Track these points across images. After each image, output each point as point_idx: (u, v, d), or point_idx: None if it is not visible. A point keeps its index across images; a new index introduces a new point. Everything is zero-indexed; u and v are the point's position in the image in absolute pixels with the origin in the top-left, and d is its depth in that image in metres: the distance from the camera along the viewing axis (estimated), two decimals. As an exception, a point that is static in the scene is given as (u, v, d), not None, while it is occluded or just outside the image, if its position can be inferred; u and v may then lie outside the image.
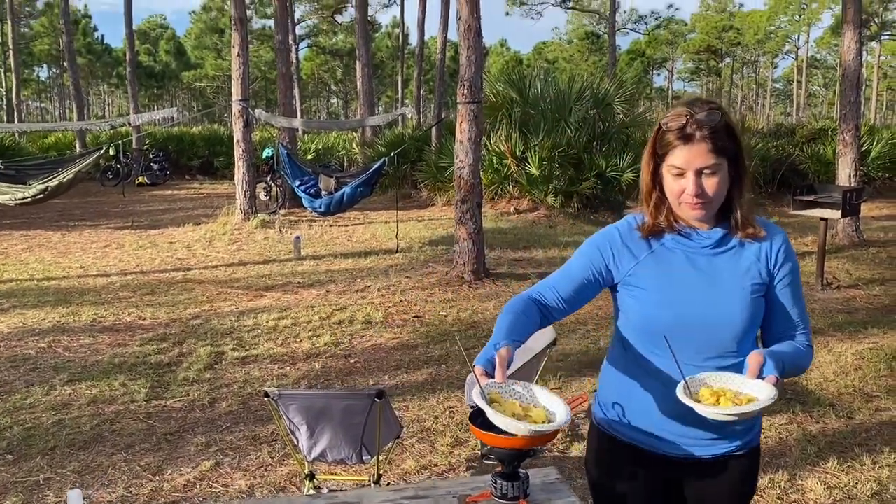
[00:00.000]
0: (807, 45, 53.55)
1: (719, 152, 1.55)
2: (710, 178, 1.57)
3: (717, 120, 1.55)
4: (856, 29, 10.19)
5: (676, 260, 1.68)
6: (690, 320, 1.63)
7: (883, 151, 16.90)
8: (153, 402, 4.50)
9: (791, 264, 1.70)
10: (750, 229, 1.66)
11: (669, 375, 1.64)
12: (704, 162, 1.55)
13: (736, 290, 1.64)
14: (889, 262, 9.13)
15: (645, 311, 1.69)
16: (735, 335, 1.65)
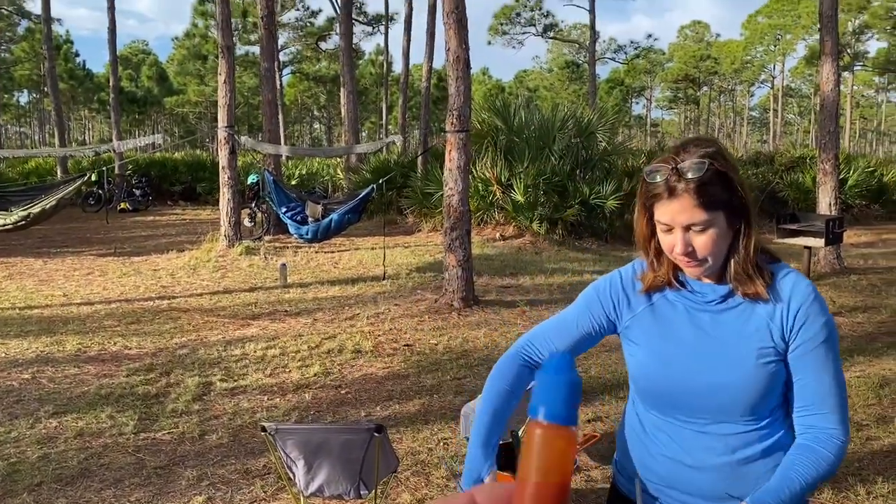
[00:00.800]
0: (782, 75, 54.63)
1: (709, 206, 1.36)
2: (700, 235, 1.38)
3: (703, 170, 1.34)
4: (834, 60, 10.42)
5: (676, 316, 1.51)
6: (685, 384, 1.48)
7: (860, 179, 17.23)
8: (142, 435, 4.42)
9: (814, 329, 1.42)
10: (749, 288, 1.43)
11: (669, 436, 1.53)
12: (690, 218, 1.37)
13: (739, 353, 1.44)
14: (870, 289, 9.25)
15: (639, 368, 1.56)
16: (740, 403, 1.45)
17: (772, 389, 1.45)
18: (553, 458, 0.35)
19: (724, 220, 1.39)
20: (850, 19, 40.07)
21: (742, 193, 1.40)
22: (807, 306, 1.43)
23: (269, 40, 14.25)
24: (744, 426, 1.46)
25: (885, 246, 13.83)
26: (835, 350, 1.44)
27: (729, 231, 1.41)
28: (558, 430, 0.35)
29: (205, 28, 38.10)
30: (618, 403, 4.94)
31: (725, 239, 1.41)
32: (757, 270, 1.44)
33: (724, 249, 1.42)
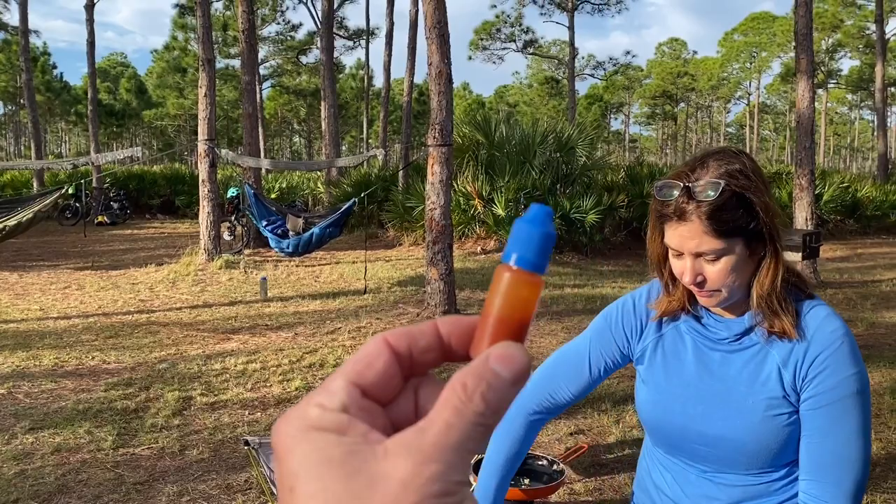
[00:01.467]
0: (758, 91, 55.54)
1: (723, 234, 1.20)
2: (712, 265, 1.23)
3: (717, 193, 1.18)
4: (809, 78, 10.60)
5: (684, 351, 1.37)
6: (685, 431, 1.36)
7: (835, 195, 17.50)
8: (120, 451, 4.36)
9: (831, 383, 1.23)
10: (775, 325, 1.26)
11: (673, 477, 1.45)
12: (699, 246, 1.21)
13: (745, 404, 1.29)
14: (846, 303, 9.38)
15: (641, 405, 1.46)
16: (744, 456, 1.30)
17: (784, 444, 1.28)
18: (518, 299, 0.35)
19: (743, 247, 1.23)
20: (824, 38, 40.86)
21: (766, 218, 1.22)
22: (827, 354, 1.24)
23: (250, 53, 14.24)
24: (752, 478, 1.33)
25: (860, 260, 14.04)
26: (857, 411, 1.23)
27: (750, 260, 1.25)
28: (527, 276, 0.35)
29: (185, 41, 37.99)
30: (600, 417, 4.95)
31: (744, 269, 1.25)
32: (783, 304, 1.26)
33: (742, 280, 1.25)
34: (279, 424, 0.31)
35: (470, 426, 0.30)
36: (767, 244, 1.24)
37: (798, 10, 10.59)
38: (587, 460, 4.20)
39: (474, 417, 0.30)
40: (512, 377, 0.32)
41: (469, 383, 0.31)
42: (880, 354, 6.70)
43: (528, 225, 0.36)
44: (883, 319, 8.33)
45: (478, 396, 0.31)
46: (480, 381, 0.31)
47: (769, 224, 1.23)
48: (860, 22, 38.79)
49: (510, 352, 0.33)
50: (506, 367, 0.32)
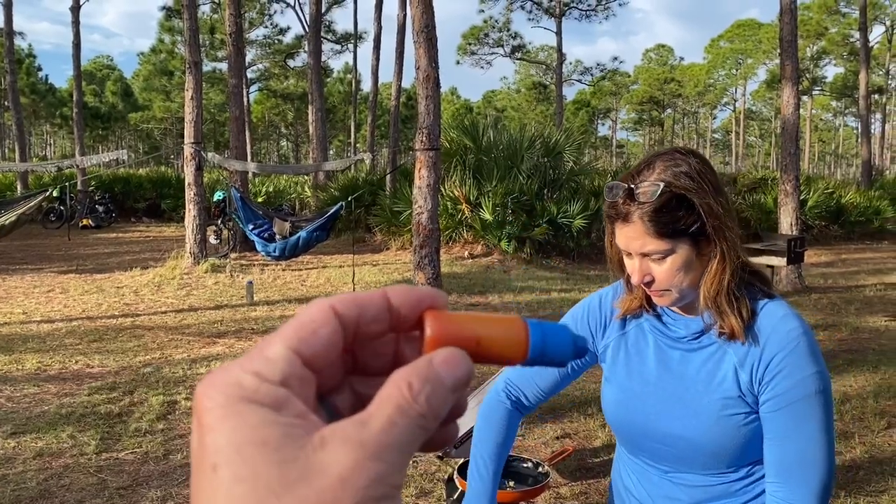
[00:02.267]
0: (744, 98, 55.99)
1: (665, 235, 1.20)
2: (658, 264, 1.23)
3: (654, 195, 1.18)
4: (794, 85, 10.70)
5: (646, 349, 1.38)
6: (644, 428, 1.36)
7: (819, 201, 17.66)
8: (104, 455, 4.32)
9: (788, 384, 1.22)
10: (724, 325, 1.26)
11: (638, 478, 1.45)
12: (643, 247, 1.22)
13: (701, 403, 1.29)
14: (831, 307, 9.45)
15: (605, 403, 1.46)
16: (701, 455, 1.30)
17: (741, 444, 1.27)
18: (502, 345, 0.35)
19: (690, 248, 1.22)
20: (809, 45, 41.27)
21: (710, 220, 1.20)
22: (784, 355, 1.23)
23: (237, 57, 14.20)
24: (711, 478, 1.33)
25: (844, 265, 14.17)
26: (817, 411, 1.22)
27: (699, 260, 1.24)
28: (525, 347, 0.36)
29: (171, 44, 37.81)
30: (586, 421, 4.96)
31: (692, 269, 1.24)
32: (733, 304, 1.24)
33: (693, 280, 1.25)
34: (204, 388, 0.28)
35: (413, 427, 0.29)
36: (715, 245, 1.22)
37: (783, 18, 10.69)
38: (573, 464, 4.20)
39: (418, 419, 0.29)
40: (454, 384, 0.31)
41: (415, 384, 0.30)
42: (864, 359, 6.76)
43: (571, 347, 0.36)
44: (866, 324, 8.40)
45: (423, 398, 0.30)
46: (426, 383, 0.30)
47: (715, 225, 1.21)
48: (844, 30, 39.21)
49: (456, 358, 0.32)
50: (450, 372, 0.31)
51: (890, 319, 8.66)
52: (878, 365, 6.47)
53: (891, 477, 4.10)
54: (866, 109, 25.44)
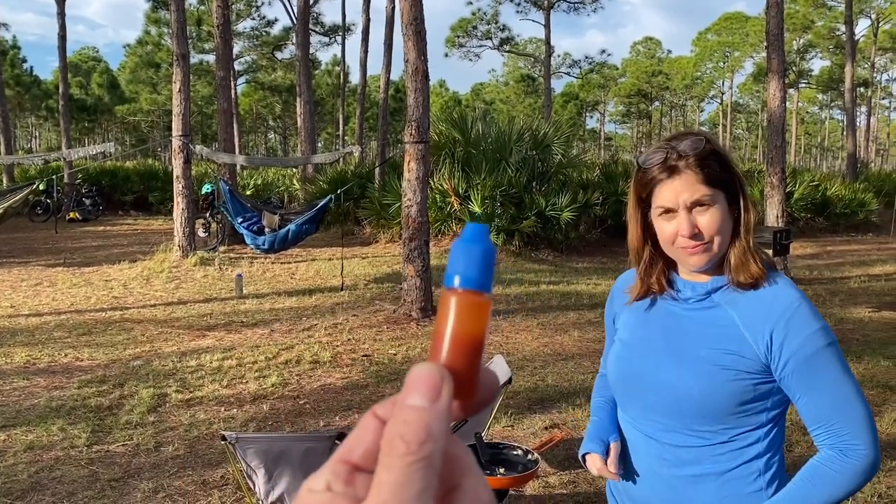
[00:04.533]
0: (731, 91, 56.17)
1: (711, 183, 1.33)
2: (704, 214, 1.34)
3: (702, 146, 1.34)
4: (780, 78, 10.77)
5: (653, 315, 1.49)
6: (641, 375, 1.45)
7: (805, 193, 17.80)
8: (95, 447, 4.33)
9: (797, 343, 1.31)
10: (746, 273, 1.36)
11: (630, 440, 1.53)
12: (694, 194, 1.33)
13: (697, 354, 1.37)
14: (816, 299, 9.55)
15: (609, 363, 1.56)
16: (690, 407, 1.37)
17: (730, 401, 1.35)
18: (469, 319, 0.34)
19: (724, 200, 1.36)
20: (795, 38, 41.45)
21: (738, 176, 1.38)
22: (788, 317, 1.33)
23: (225, 49, 14.13)
24: (696, 439, 1.39)
25: (829, 257, 14.29)
26: (833, 360, 1.31)
27: (729, 215, 1.37)
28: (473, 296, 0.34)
29: (158, 36, 37.53)
30: (574, 411, 5.01)
31: (728, 223, 1.36)
32: (756, 256, 1.38)
33: (727, 234, 1.36)
34: None
35: (400, 472, 0.30)
36: (743, 200, 1.37)
37: (770, 11, 10.75)
38: (561, 453, 4.25)
39: (401, 461, 0.30)
40: (423, 401, 0.31)
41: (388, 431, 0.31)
42: (847, 349, 6.84)
43: (466, 244, 0.36)
44: (851, 315, 8.50)
45: (397, 441, 0.30)
46: (396, 423, 0.31)
47: (741, 181, 1.38)
48: (830, 23, 39.40)
49: (415, 375, 0.32)
50: (414, 394, 0.32)
51: (874, 311, 8.77)
52: (861, 355, 6.56)
53: (873, 464, 4.17)
54: (852, 102, 25.62)
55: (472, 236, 0.36)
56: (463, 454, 0.34)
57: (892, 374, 5.90)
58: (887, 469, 4.11)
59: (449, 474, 0.33)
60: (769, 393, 1.37)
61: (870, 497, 3.75)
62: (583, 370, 6.06)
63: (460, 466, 0.33)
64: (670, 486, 1.43)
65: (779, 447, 1.42)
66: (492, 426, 4.42)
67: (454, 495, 0.33)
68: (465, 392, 0.35)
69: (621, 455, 1.54)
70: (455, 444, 0.34)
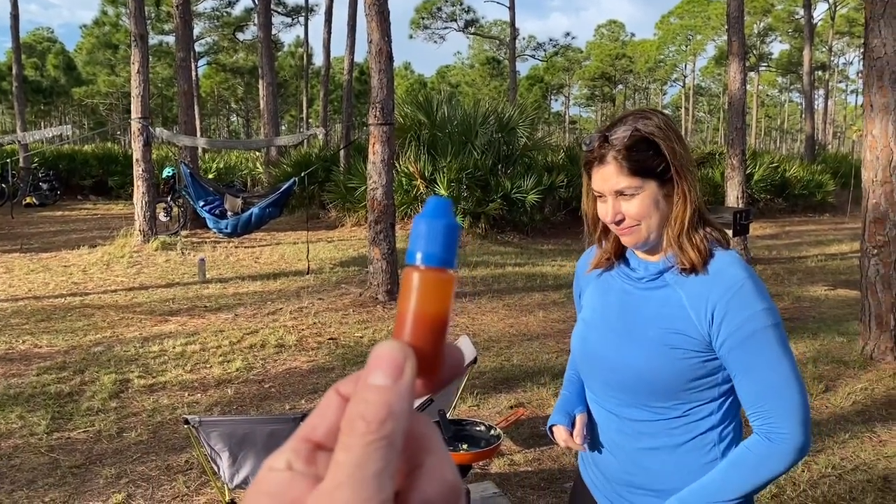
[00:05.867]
0: (693, 74, 56.73)
1: (636, 173, 1.36)
2: (629, 202, 1.38)
3: (626, 137, 1.36)
4: (740, 60, 10.90)
5: (611, 290, 1.53)
6: (598, 354, 1.51)
7: (765, 174, 18.10)
8: (55, 435, 4.27)
9: (738, 322, 1.34)
10: (685, 259, 1.39)
11: (595, 414, 1.58)
12: (618, 184, 1.37)
13: (648, 334, 1.42)
14: (775, 278, 9.76)
15: (573, 342, 1.62)
16: (644, 385, 1.42)
17: (680, 378, 1.39)
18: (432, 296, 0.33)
19: (656, 187, 1.37)
20: (756, 22, 41.98)
21: (674, 161, 1.36)
22: (730, 296, 1.35)
23: (184, 29, 13.85)
24: (651, 414, 1.44)
25: (788, 237, 14.60)
26: (773, 341, 1.33)
27: (665, 200, 1.39)
28: (437, 273, 0.34)
29: (115, 16, 36.65)
30: (539, 390, 5.07)
31: (658, 206, 1.39)
32: (693, 242, 1.39)
33: (658, 219, 1.39)
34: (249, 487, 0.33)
35: (360, 453, 0.29)
36: (677, 186, 1.38)
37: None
38: (526, 431, 4.30)
39: (361, 441, 0.29)
40: (385, 379, 0.31)
41: (348, 410, 0.31)
42: (804, 326, 7.02)
43: (429, 219, 0.35)
44: (808, 293, 8.71)
45: (357, 420, 0.30)
46: (357, 403, 0.31)
47: (677, 167, 1.37)
48: (789, 7, 39.97)
49: (377, 354, 0.32)
50: (376, 372, 0.31)
51: (830, 288, 8.99)
52: (817, 332, 6.73)
53: (827, 437, 4.30)
54: (810, 86, 26.07)
55: (434, 211, 0.35)
56: (429, 432, 0.34)
57: (846, 350, 6.06)
58: (841, 441, 4.24)
59: (413, 453, 0.33)
60: (718, 369, 1.40)
61: (824, 468, 3.86)
62: (547, 350, 6.12)
63: (425, 445, 0.33)
64: (631, 457, 1.49)
65: (733, 418, 1.46)
66: (457, 406, 4.45)
67: (417, 473, 0.32)
68: (429, 370, 0.34)
69: (589, 427, 1.59)
70: (420, 422, 0.33)
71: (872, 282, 5.75)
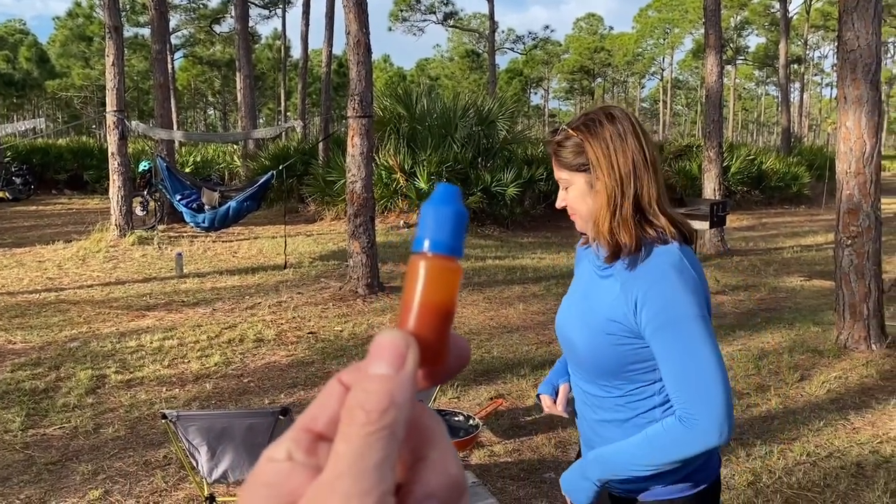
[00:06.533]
0: (671, 67, 57.08)
1: (567, 167, 1.49)
2: (569, 192, 1.52)
3: (559, 136, 1.51)
4: (717, 53, 10.99)
5: (584, 271, 1.64)
6: (562, 336, 1.64)
7: (742, 167, 18.28)
8: (30, 431, 4.21)
9: (651, 313, 1.40)
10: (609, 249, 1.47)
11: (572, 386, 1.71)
12: (558, 176, 1.54)
13: (591, 318, 1.51)
14: (751, 269, 9.86)
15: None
16: (590, 366, 1.54)
17: (617, 362, 1.47)
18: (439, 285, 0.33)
19: (585, 182, 1.48)
20: (733, 15, 42.28)
21: (596, 162, 1.44)
22: (651, 285, 1.41)
23: (160, 21, 13.69)
24: (600, 390, 1.55)
25: (765, 229, 14.76)
26: (692, 332, 1.38)
27: (598, 194, 1.46)
28: (444, 261, 0.34)
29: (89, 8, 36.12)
30: (519, 382, 5.08)
31: (590, 199, 1.48)
32: (614, 235, 1.44)
33: (592, 209, 1.48)
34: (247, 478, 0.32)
35: (360, 443, 0.28)
36: (597, 182, 1.46)
37: (707, -13, 10.91)
38: (506, 422, 4.31)
39: (361, 431, 0.29)
40: (387, 369, 0.30)
41: (349, 400, 0.30)
42: (780, 317, 7.10)
43: (437, 206, 0.34)
44: (784, 284, 8.81)
45: (357, 410, 0.29)
46: (357, 392, 0.30)
47: (597, 164, 1.45)
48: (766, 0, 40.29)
49: (380, 343, 0.31)
50: (378, 362, 0.31)
51: (805, 279, 9.11)
52: (793, 322, 6.82)
53: (802, 425, 4.35)
54: (786, 79, 26.32)
55: (442, 198, 0.34)
56: (433, 424, 0.33)
57: (821, 340, 6.15)
58: (816, 429, 4.30)
59: (417, 445, 0.32)
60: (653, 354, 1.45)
61: (799, 455, 3.92)
62: (527, 342, 6.14)
63: (429, 437, 0.32)
64: (591, 427, 1.63)
65: None
66: (438, 398, 4.45)
67: (421, 465, 0.32)
68: (433, 360, 0.33)
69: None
70: (425, 414, 0.33)
71: (846, 272, 5.83)
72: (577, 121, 1.50)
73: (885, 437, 4.19)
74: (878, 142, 5.67)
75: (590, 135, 1.46)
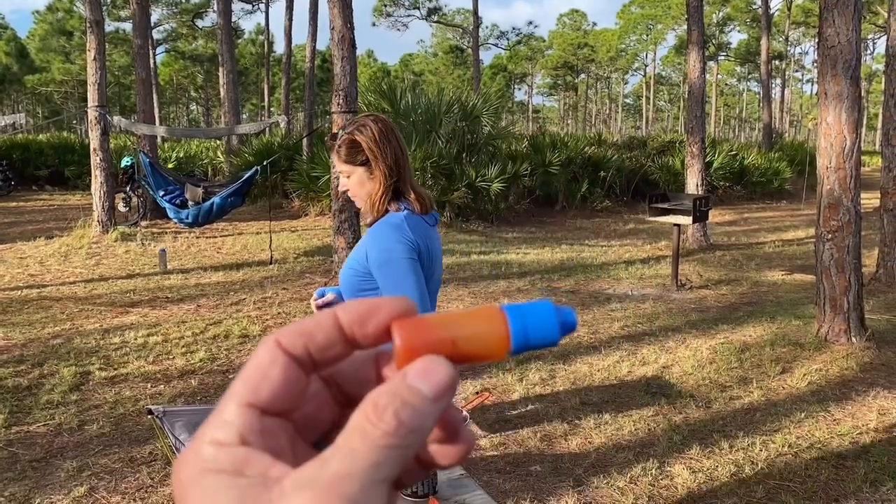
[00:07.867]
0: (654, 63, 57.37)
1: (346, 162, 2.02)
2: (350, 180, 2.06)
3: (337, 139, 2.03)
4: (700, 49, 11.06)
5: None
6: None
7: (724, 162, 18.43)
8: (14, 429, 4.18)
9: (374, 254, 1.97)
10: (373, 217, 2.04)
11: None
12: (340, 169, 2.06)
13: (350, 261, 2.08)
14: (733, 263, 9.96)
15: None
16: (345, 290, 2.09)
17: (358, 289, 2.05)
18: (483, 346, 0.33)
19: (363, 171, 2.02)
20: (715, 11, 42.55)
21: (372, 157, 1.99)
22: (371, 238, 1.98)
23: (142, 16, 13.58)
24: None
25: (746, 224, 14.89)
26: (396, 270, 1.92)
27: (370, 181, 2.02)
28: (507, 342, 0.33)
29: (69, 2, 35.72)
30: (504, 376, 5.11)
31: (365, 185, 2.03)
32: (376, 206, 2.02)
33: (364, 195, 2.05)
34: (176, 466, 0.28)
35: (378, 450, 0.26)
36: (375, 172, 2.01)
37: (690, -16, 10.98)
38: (492, 416, 4.34)
39: (384, 439, 0.27)
40: (433, 393, 0.28)
41: (381, 401, 0.28)
42: (762, 310, 7.18)
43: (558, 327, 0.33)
44: (765, 278, 8.91)
45: (389, 415, 0.27)
46: (394, 398, 0.28)
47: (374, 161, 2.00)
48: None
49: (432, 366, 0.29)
50: (426, 381, 0.29)
51: (786, 273, 9.21)
52: (775, 316, 6.89)
53: (784, 417, 4.42)
54: (767, 75, 26.54)
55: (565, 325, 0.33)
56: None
57: (802, 333, 6.22)
58: (797, 421, 4.36)
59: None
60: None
61: (780, 447, 3.97)
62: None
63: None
64: None
65: None
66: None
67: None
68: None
69: None
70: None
71: (827, 266, 5.91)
72: (351, 126, 2.00)
73: (865, 428, 4.26)
74: (857, 137, 5.74)
75: (366, 136, 2.00)
